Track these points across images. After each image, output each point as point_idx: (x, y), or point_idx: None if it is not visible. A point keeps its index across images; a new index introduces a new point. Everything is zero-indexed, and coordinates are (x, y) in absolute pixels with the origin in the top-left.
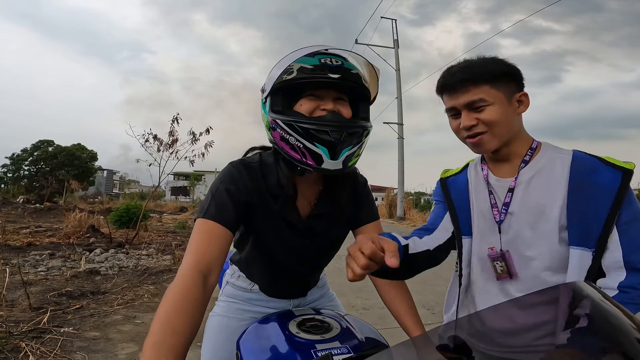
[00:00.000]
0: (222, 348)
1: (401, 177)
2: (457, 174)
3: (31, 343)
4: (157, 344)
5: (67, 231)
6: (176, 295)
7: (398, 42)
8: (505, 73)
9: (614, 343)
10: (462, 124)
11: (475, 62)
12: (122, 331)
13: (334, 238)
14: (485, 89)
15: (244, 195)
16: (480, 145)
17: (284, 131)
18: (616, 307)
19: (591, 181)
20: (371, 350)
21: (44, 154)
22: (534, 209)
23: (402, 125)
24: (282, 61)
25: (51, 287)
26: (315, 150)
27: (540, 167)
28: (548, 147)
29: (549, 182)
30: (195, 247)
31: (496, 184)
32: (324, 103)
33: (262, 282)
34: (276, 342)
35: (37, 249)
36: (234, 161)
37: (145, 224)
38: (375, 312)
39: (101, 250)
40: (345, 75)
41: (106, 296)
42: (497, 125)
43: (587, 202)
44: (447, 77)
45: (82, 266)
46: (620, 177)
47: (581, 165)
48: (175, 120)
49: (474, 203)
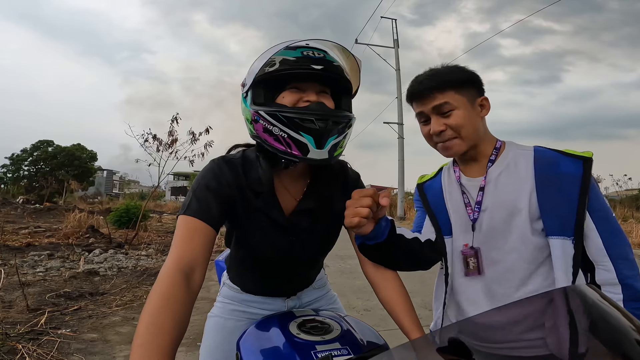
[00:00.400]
0: (219, 348)
1: (401, 176)
2: (431, 178)
3: (28, 345)
4: (143, 345)
5: (67, 231)
6: (159, 296)
7: (398, 42)
8: (467, 79)
9: (615, 345)
10: (432, 130)
11: (440, 70)
12: (120, 333)
13: (322, 235)
14: (450, 94)
15: (226, 190)
16: (450, 148)
17: (267, 122)
18: (617, 310)
19: (555, 172)
20: (371, 352)
21: (44, 154)
22: (505, 204)
23: (402, 125)
24: (264, 54)
25: (49, 288)
26: (301, 139)
27: (506, 165)
28: (511, 146)
29: (516, 178)
30: (177, 246)
31: (468, 184)
32: (306, 95)
33: (243, 281)
34: (276, 342)
35: (36, 250)
36: (215, 158)
37: (145, 224)
38: (377, 312)
39: (100, 251)
40: (327, 67)
41: (105, 297)
42: (463, 129)
43: (556, 192)
44: (415, 86)
45: (81, 267)
46: (581, 165)
47: (543, 159)
48: (174, 120)
49: (449, 204)
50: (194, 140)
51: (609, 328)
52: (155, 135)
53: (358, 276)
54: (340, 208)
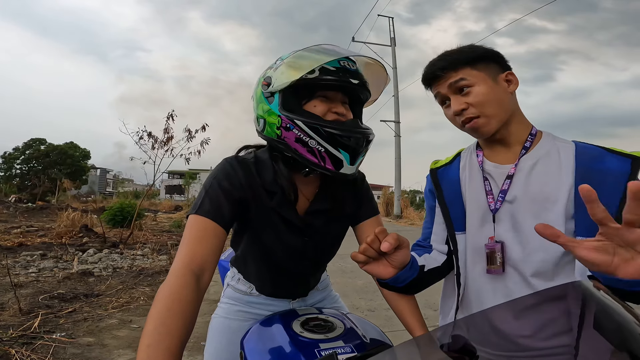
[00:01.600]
0: (224, 349)
1: (398, 175)
2: (447, 164)
3: (21, 350)
4: (151, 345)
5: (60, 231)
6: (169, 296)
7: (395, 40)
8: (481, 55)
9: (619, 341)
10: (452, 109)
11: (452, 51)
12: (117, 336)
13: (333, 235)
14: (464, 71)
15: (238, 191)
16: (478, 128)
17: (303, 133)
18: (621, 305)
19: (598, 169)
20: (375, 350)
21: (36, 152)
22: (538, 196)
23: (398, 124)
24: (294, 57)
25: (42, 289)
26: (338, 155)
27: (543, 154)
28: (549, 136)
29: (556, 169)
30: (188, 246)
31: (493, 170)
32: (334, 106)
33: (259, 281)
34: (280, 341)
35: (28, 250)
36: (228, 157)
37: (140, 223)
38: (381, 313)
39: (94, 251)
40: (362, 81)
41: (100, 299)
42: (486, 105)
43: (596, 188)
44: (427, 68)
45: (74, 267)
46: (630, 164)
47: (586, 153)
48: (170, 117)
49: (466, 192)
50: (190, 137)
51: (613, 323)
52: (150, 133)
53: (360, 276)
54: (350, 209)
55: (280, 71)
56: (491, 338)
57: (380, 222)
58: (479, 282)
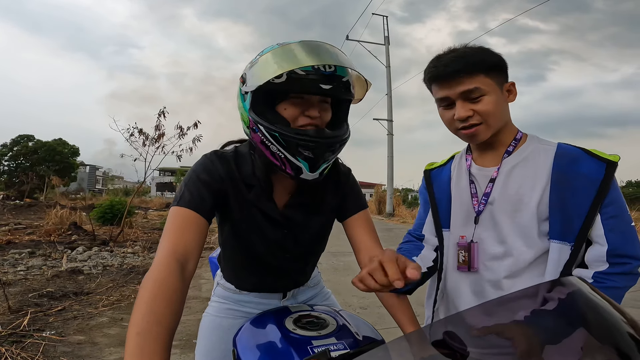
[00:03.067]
0: (215, 347)
1: (390, 173)
2: (441, 166)
3: (11, 348)
4: (141, 333)
5: (48, 228)
6: (155, 284)
7: (389, 38)
8: (497, 63)
9: (606, 338)
10: (457, 115)
11: (467, 52)
12: (108, 335)
13: (315, 229)
14: (480, 79)
15: (217, 183)
16: (475, 136)
17: (265, 138)
18: (608, 302)
19: (574, 172)
20: (368, 346)
21: (24, 149)
22: (513, 197)
23: (391, 122)
24: (269, 56)
25: (31, 287)
26: (296, 163)
27: (524, 157)
28: (533, 139)
29: (531, 172)
30: (171, 236)
31: (478, 174)
32: (308, 108)
33: (238, 279)
34: (272, 338)
35: (17, 247)
36: (207, 153)
37: (130, 221)
38: (374, 311)
39: (84, 248)
40: (336, 85)
41: (90, 297)
42: (491, 115)
43: (570, 193)
44: (439, 68)
45: (63, 265)
46: (604, 168)
47: (565, 156)
48: (161, 114)
49: (454, 194)
50: (182, 134)
51: (599, 320)
52: (141, 130)
53: (352, 273)
54: (332, 202)
55: (252, 72)
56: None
57: (368, 217)
58: (455, 278)
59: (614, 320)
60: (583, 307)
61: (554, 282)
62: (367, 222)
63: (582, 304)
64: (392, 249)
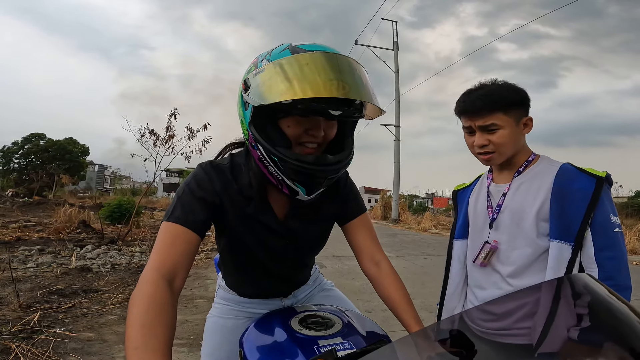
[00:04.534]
0: (220, 348)
1: (397, 179)
2: (467, 186)
3: (22, 344)
4: (139, 347)
5: (57, 226)
6: (143, 300)
7: (398, 44)
8: (517, 101)
9: (617, 335)
10: (475, 142)
11: (492, 90)
12: (117, 332)
13: (315, 236)
14: (498, 116)
15: (212, 196)
16: (489, 161)
17: (264, 158)
18: (619, 300)
19: (571, 188)
20: (374, 345)
21: (35, 147)
22: (518, 208)
23: (399, 128)
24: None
25: (41, 284)
26: (293, 187)
27: (531, 176)
28: (543, 160)
29: (535, 188)
30: (157, 252)
31: (494, 189)
32: (312, 128)
33: (240, 287)
34: (279, 339)
35: (26, 244)
36: (202, 163)
37: (138, 220)
38: (378, 314)
39: (93, 247)
40: (346, 111)
41: (99, 294)
42: (504, 146)
43: (567, 203)
44: (467, 103)
45: (73, 263)
46: (594, 183)
47: (564, 175)
48: (172, 115)
49: (473, 206)
50: (191, 136)
51: (609, 317)
52: (152, 130)
53: (357, 277)
54: (332, 209)
55: (256, 81)
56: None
57: (367, 221)
58: (476, 274)
59: (625, 317)
60: (595, 304)
61: (565, 278)
62: (367, 225)
63: (594, 301)
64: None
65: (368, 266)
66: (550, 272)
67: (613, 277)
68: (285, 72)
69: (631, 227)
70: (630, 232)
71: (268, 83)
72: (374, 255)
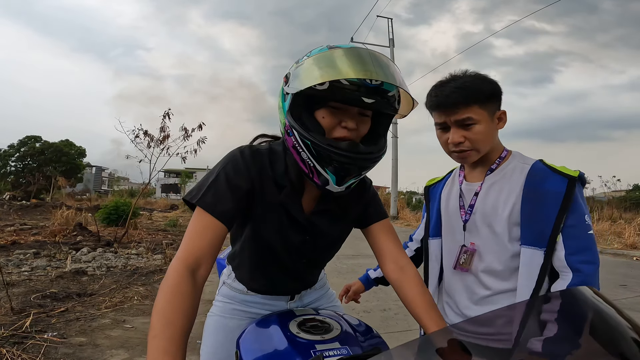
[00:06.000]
0: (220, 347)
1: (395, 176)
2: (439, 181)
3: (12, 349)
4: (156, 336)
5: (53, 229)
6: (167, 291)
7: (394, 41)
8: (492, 93)
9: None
10: (450, 139)
11: (467, 81)
12: (110, 336)
13: (334, 236)
14: (474, 109)
15: (247, 183)
16: (464, 158)
17: (297, 143)
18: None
19: (542, 188)
20: (371, 352)
21: (31, 149)
22: (491, 210)
23: (396, 125)
24: (317, 58)
25: (35, 288)
26: (324, 174)
27: (503, 175)
28: (515, 157)
29: (506, 188)
30: (186, 242)
31: (466, 188)
32: (346, 119)
33: (252, 280)
34: (276, 341)
35: (22, 248)
36: (241, 146)
37: (135, 222)
38: (377, 314)
39: (88, 249)
40: (379, 101)
41: (93, 298)
42: (480, 142)
43: (539, 206)
44: (441, 97)
45: (67, 266)
46: (566, 183)
47: (536, 174)
48: (166, 116)
49: (445, 204)
50: (186, 136)
51: (606, 328)
52: (146, 131)
53: (356, 276)
54: (355, 211)
55: (296, 73)
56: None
57: (389, 226)
58: (450, 278)
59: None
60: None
61: (565, 292)
62: (390, 229)
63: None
64: None
65: (392, 270)
66: (521, 278)
67: (589, 282)
68: (321, 61)
69: (630, 221)
70: (629, 227)
71: (306, 71)
72: (398, 259)
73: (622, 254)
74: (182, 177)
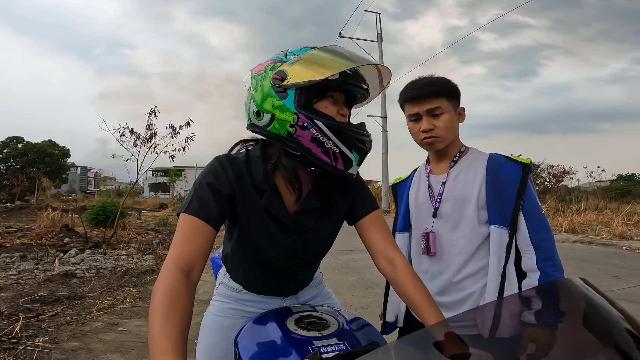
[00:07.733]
0: (216, 347)
1: (385, 169)
2: (405, 179)
3: (4, 355)
4: (155, 337)
5: (40, 231)
6: (162, 292)
7: (382, 35)
8: (454, 91)
9: (607, 337)
10: (422, 127)
11: (436, 78)
12: (104, 340)
13: (324, 234)
14: (443, 101)
15: (227, 189)
16: (433, 144)
17: (321, 133)
18: (609, 303)
19: (501, 174)
20: (369, 347)
21: (14, 151)
22: (459, 196)
23: (385, 119)
24: (314, 55)
25: (23, 292)
26: (350, 156)
27: (465, 166)
28: (473, 151)
29: (470, 176)
30: (176, 246)
31: (433, 180)
32: (341, 108)
33: (247, 280)
34: (274, 339)
35: (8, 251)
36: (219, 155)
37: (124, 222)
38: (374, 310)
39: (76, 251)
40: (367, 87)
41: (84, 301)
42: (446, 130)
43: (500, 189)
44: (415, 90)
45: (56, 269)
46: (521, 169)
47: (495, 163)
48: (152, 113)
49: (414, 197)
50: (174, 134)
51: (600, 319)
52: (132, 130)
53: (350, 272)
54: (342, 207)
55: (298, 68)
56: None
57: (380, 218)
58: (419, 262)
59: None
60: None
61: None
62: (380, 222)
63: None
64: None
65: (383, 265)
66: (494, 257)
67: (551, 258)
68: (323, 56)
69: (616, 210)
70: (617, 217)
71: (314, 64)
72: (387, 253)
73: (611, 244)
74: (170, 176)
